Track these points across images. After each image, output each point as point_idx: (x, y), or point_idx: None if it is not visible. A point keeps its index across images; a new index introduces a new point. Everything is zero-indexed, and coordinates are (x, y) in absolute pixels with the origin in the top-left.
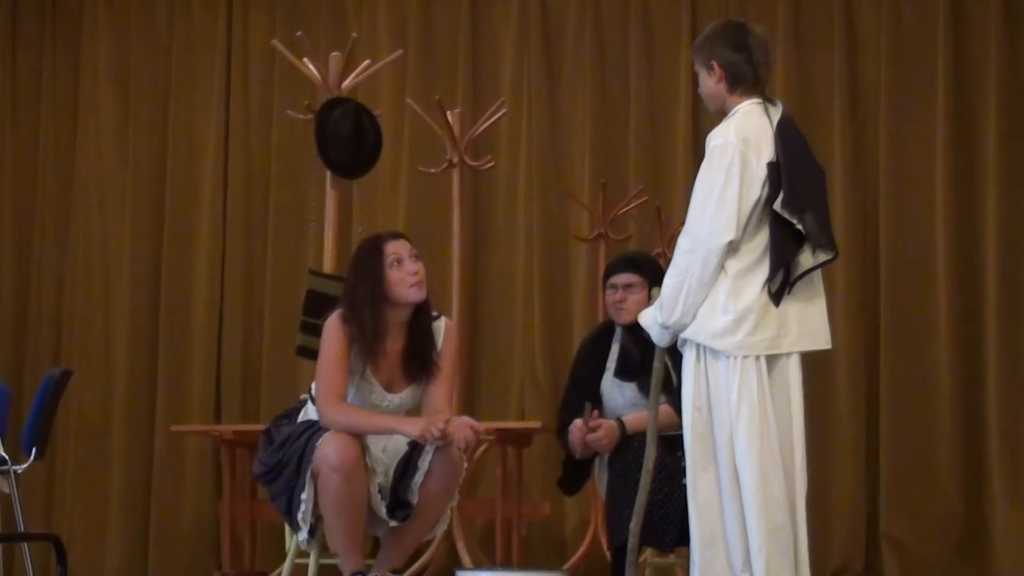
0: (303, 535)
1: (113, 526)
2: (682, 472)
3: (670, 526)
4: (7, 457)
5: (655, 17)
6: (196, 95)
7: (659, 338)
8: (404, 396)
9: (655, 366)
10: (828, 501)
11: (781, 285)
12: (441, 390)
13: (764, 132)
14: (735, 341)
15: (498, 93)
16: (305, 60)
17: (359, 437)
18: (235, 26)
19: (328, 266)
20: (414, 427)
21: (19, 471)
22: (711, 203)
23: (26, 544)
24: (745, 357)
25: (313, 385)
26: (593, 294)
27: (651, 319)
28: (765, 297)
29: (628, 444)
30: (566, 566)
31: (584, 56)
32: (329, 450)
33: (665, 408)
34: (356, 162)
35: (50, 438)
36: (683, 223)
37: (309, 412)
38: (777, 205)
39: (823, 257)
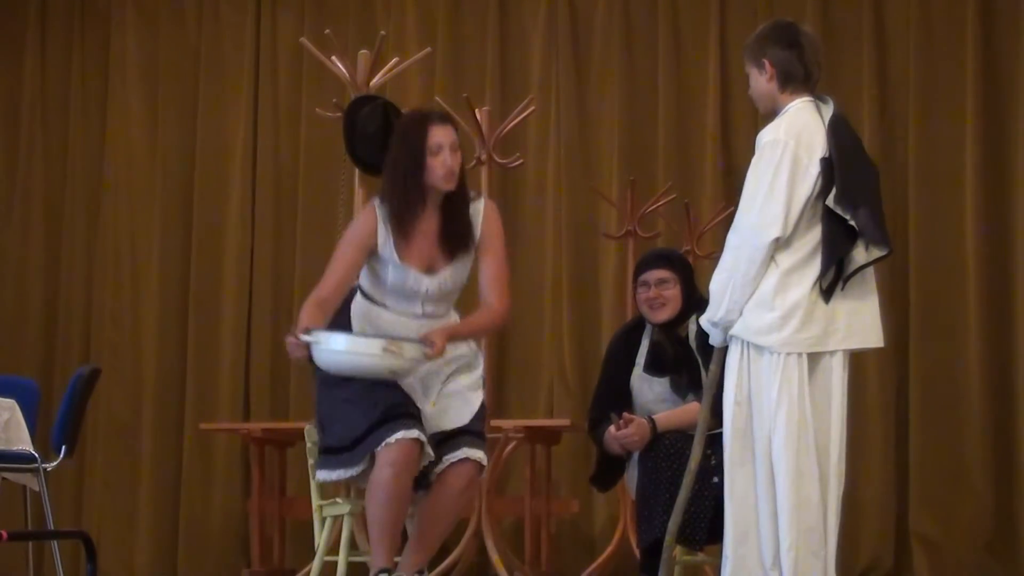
0: (322, 472)
1: (142, 524)
2: (712, 471)
3: (700, 524)
4: (37, 455)
5: (683, 14)
6: (224, 93)
7: (714, 338)
8: (444, 277)
9: (712, 369)
10: (857, 500)
11: (833, 281)
12: (489, 270)
13: (816, 129)
14: (781, 337)
15: (526, 91)
16: (333, 58)
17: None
18: (263, 24)
19: None
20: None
21: (49, 469)
22: (759, 199)
23: (56, 542)
24: (788, 354)
25: (360, 276)
26: (622, 291)
27: (706, 320)
28: (815, 294)
29: (659, 442)
30: (595, 563)
31: (612, 53)
32: (393, 449)
33: (695, 407)
34: (384, 160)
35: (79, 436)
36: (713, 220)
37: (357, 305)
38: (830, 201)
39: (877, 253)
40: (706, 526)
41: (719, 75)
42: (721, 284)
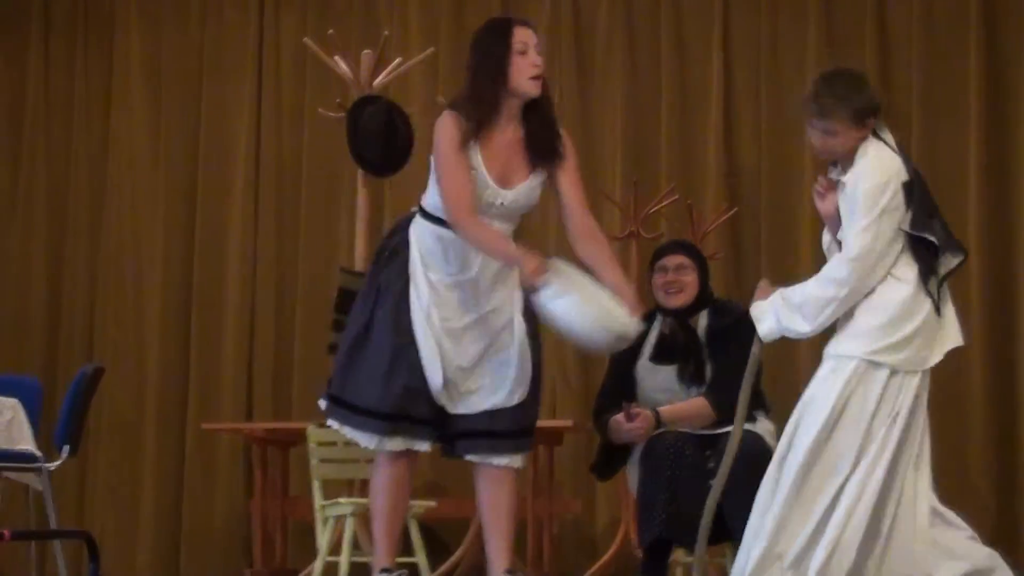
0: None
1: (145, 523)
2: (711, 472)
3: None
4: (40, 454)
5: (686, 13)
6: (228, 93)
7: (769, 333)
8: (519, 192)
9: (753, 352)
10: None
11: (938, 296)
12: (574, 184)
13: (894, 156)
14: (906, 357)
15: None
16: (336, 58)
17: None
18: (267, 24)
19: (359, 264)
20: (526, 266)
21: (52, 468)
22: (870, 229)
23: (59, 541)
24: (907, 373)
25: (425, 195)
26: None
27: (769, 312)
28: (932, 312)
29: (660, 440)
30: (598, 564)
31: (615, 54)
32: (393, 458)
33: (701, 402)
34: (387, 160)
35: (82, 435)
36: (716, 221)
37: (419, 228)
38: (907, 225)
39: (954, 261)
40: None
41: (722, 75)
42: (822, 301)
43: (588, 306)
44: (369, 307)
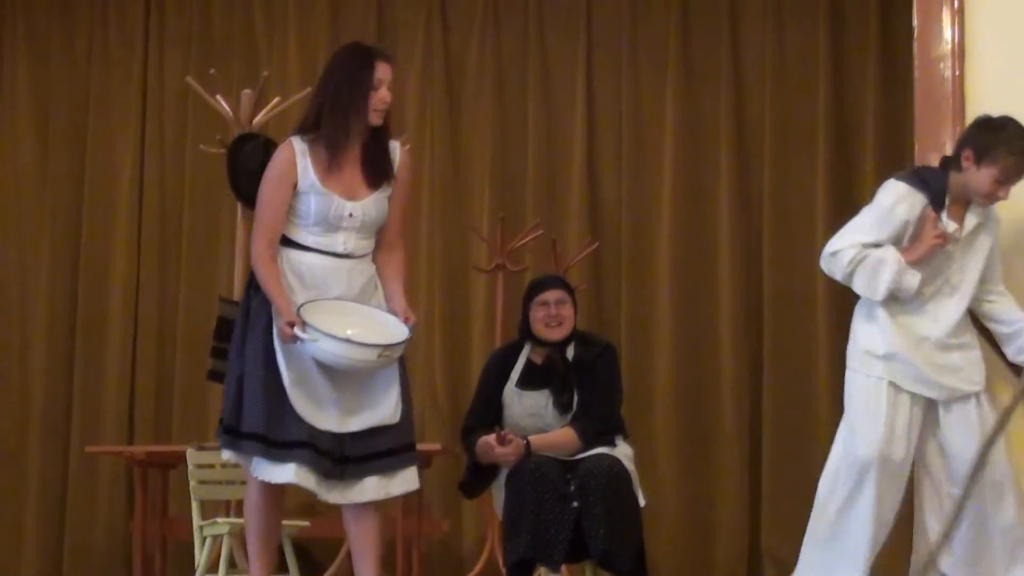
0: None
1: (28, 544)
2: (573, 495)
3: (559, 545)
4: None
5: (552, 56)
6: (113, 127)
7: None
8: (367, 204)
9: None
10: (712, 519)
11: None
12: (394, 216)
13: None
14: None
15: (402, 128)
16: (218, 97)
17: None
18: (151, 62)
19: (238, 294)
20: (281, 317)
21: None
22: None
23: None
24: None
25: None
26: (491, 322)
27: None
28: None
29: (525, 464)
30: None
31: (484, 93)
32: (263, 484)
33: (568, 432)
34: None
35: None
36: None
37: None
38: None
39: None
40: (564, 547)
41: (586, 115)
42: None
43: (339, 344)
44: (241, 338)
